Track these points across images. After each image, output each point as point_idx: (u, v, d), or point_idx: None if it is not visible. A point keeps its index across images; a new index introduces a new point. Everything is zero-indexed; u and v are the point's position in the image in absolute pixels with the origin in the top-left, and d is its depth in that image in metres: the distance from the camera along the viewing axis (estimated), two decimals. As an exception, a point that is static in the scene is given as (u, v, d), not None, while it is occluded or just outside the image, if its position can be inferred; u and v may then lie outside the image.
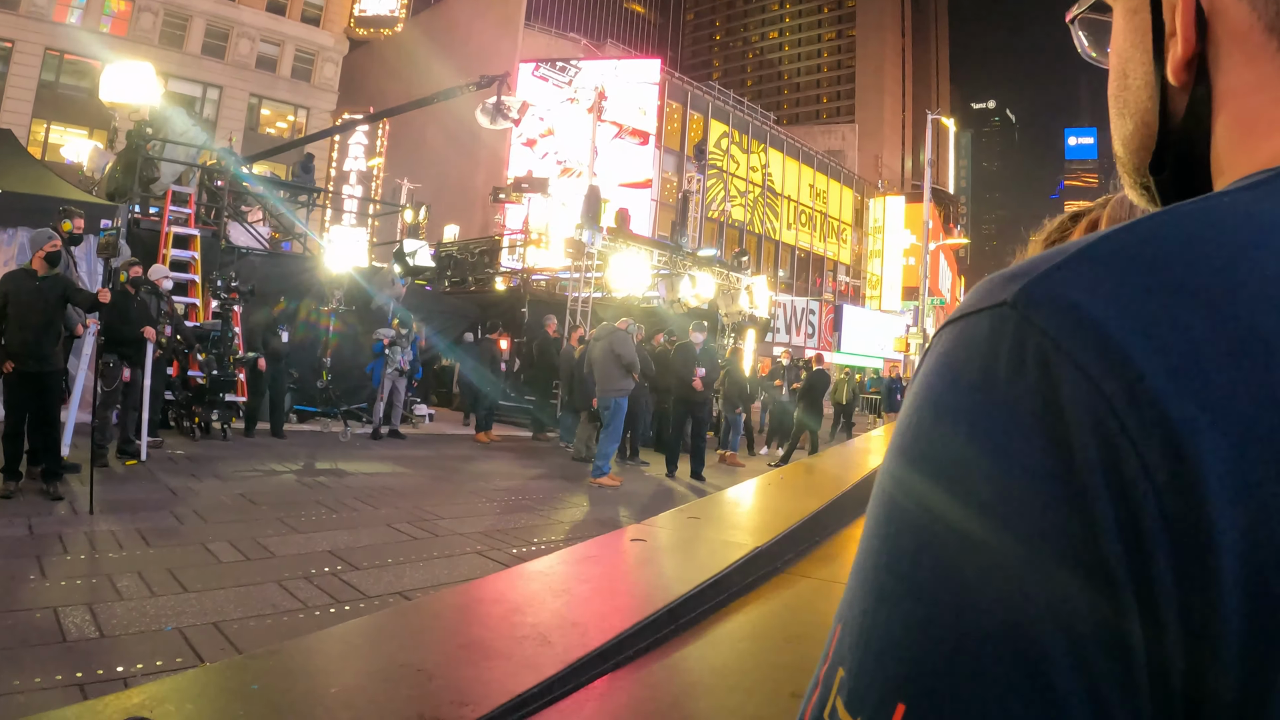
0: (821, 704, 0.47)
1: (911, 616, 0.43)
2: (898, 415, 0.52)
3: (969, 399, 0.44)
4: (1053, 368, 0.41)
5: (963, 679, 0.40)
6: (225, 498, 8.25)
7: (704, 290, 21.17)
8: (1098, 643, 0.38)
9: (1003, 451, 0.42)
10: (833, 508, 7.38)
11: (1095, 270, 0.44)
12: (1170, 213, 0.46)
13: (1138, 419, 0.39)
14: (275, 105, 44.72)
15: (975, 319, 0.46)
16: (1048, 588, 0.39)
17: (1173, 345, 0.40)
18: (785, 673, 4.11)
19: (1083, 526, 0.39)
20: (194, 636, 4.56)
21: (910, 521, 0.45)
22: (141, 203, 15.12)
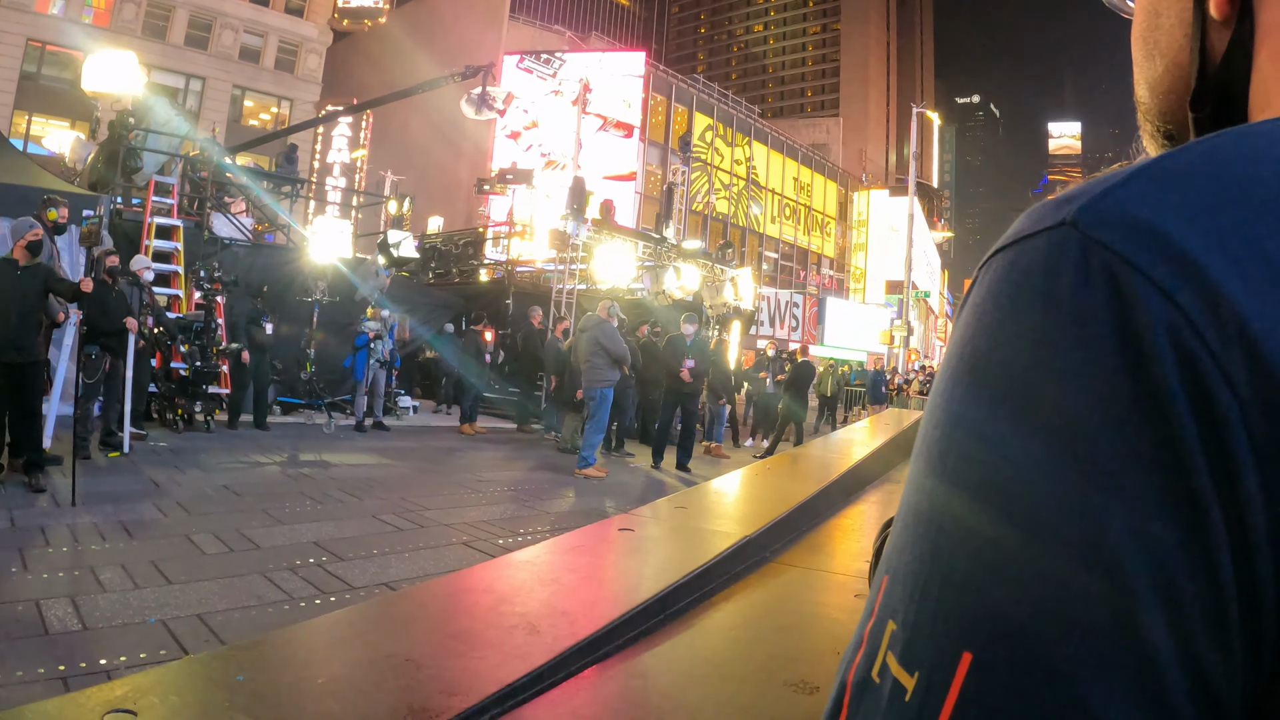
0: (869, 662, 0.44)
1: (977, 557, 0.40)
2: (881, 406, 0.48)
3: (1031, 321, 0.41)
4: (1123, 284, 0.39)
5: (1037, 622, 0.37)
6: (209, 489, 8.19)
7: (688, 282, 21.16)
8: (1186, 572, 0.36)
9: (1073, 373, 0.39)
10: (820, 497, 7.39)
11: (1160, 186, 0.42)
12: (1227, 133, 0.44)
13: (1219, 333, 0.37)
14: (258, 97, 44.55)
15: (1030, 242, 0.43)
16: (1128, 514, 0.37)
17: (1249, 258, 0.38)
18: (776, 661, 4.10)
19: (1164, 447, 0.37)
20: (178, 628, 4.51)
21: (970, 455, 0.43)
22: (124, 193, 15.02)
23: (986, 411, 0.42)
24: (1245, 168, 0.41)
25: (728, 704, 3.47)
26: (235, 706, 2.70)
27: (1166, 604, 0.36)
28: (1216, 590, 0.36)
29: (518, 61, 46.54)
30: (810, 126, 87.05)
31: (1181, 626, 0.36)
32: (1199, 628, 0.36)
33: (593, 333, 11.29)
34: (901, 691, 0.41)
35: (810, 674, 3.85)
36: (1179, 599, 0.36)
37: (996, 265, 0.45)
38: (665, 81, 50.37)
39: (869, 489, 9.11)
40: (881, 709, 0.42)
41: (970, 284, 0.47)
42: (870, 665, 0.44)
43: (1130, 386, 0.38)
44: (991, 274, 0.45)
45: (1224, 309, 0.37)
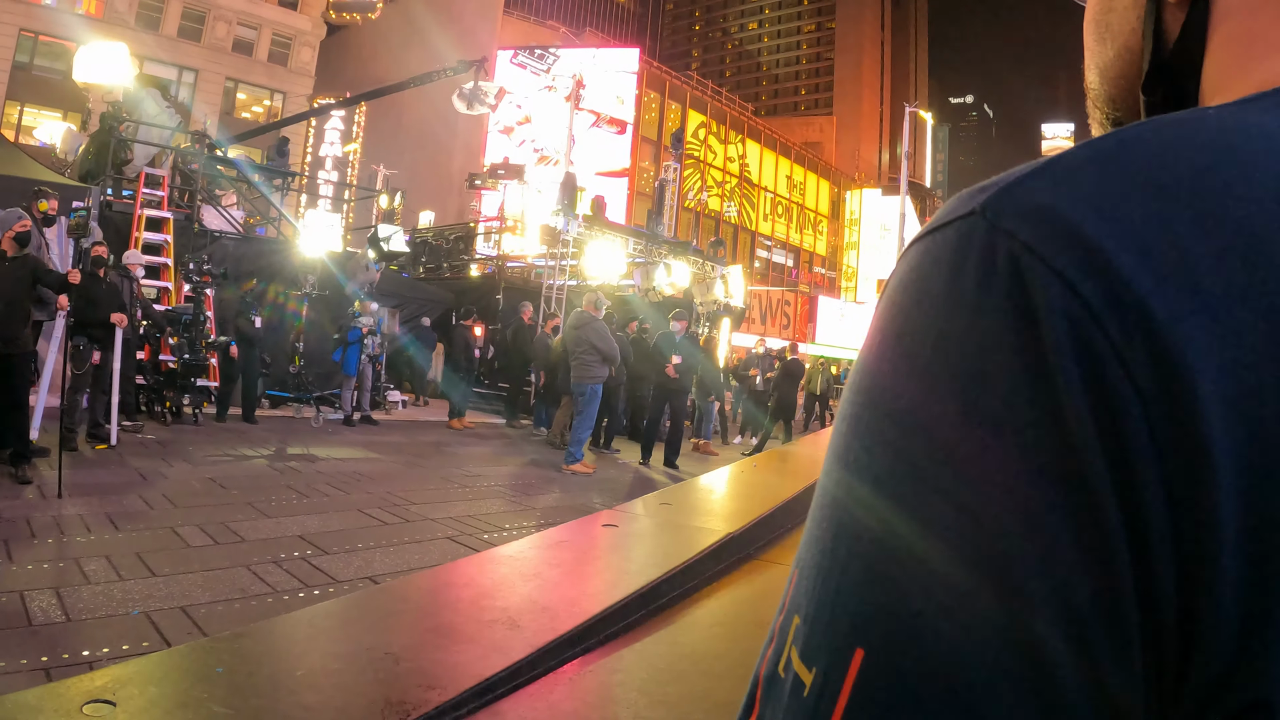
0: (777, 657, 0.44)
1: (871, 550, 0.40)
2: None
3: (934, 313, 0.41)
4: (1025, 273, 0.38)
5: (928, 617, 0.37)
6: (195, 482, 8.19)
7: (679, 279, 21.20)
8: (1081, 573, 0.36)
9: (972, 365, 0.39)
10: (806, 495, 7.38)
11: (1070, 175, 0.41)
12: (1149, 122, 0.44)
13: (1120, 324, 0.36)
14: (251, 89, 44.42)
15: (941, 232, 0.43)
16: (1022, 512, 0.36)
17: (1157, 246, 0.37)
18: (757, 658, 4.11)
19: (1061, 442, 0.36)
20: (161, 621, 4.52)
21: (868, 445, 0.42)
22: (114, 185, 14.99)
23: (888, 403, 0.42)
24: (1162, 153, 0.40)
25: (706, 700, 3.48)
26: (214, 698, 2.71)
27: (1063, 610, 0.35)
28: (1115, 598, 0.35)
29: (512, 56, 46.52)
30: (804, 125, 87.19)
31: (1080, 635, 0.35)
32: (1098, 637, 0.35)
33: (583, 330, 11.27)
34: (801, 687, 0.41)
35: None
36: (1076, 605, 0.35)
37: (911, 254, 0.44)
38: (659, 78, 50.39)
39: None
40: (784, 704, 0.42)
41: (891, 272, 0.47)
42: (778, 660, 0.44)
43: (1027, 379, 0.37)
44: (905, 263, 0.44)
45: (1127, 299, 0.36)
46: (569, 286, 19.95)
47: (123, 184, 15.26)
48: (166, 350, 12.41)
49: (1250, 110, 0.43)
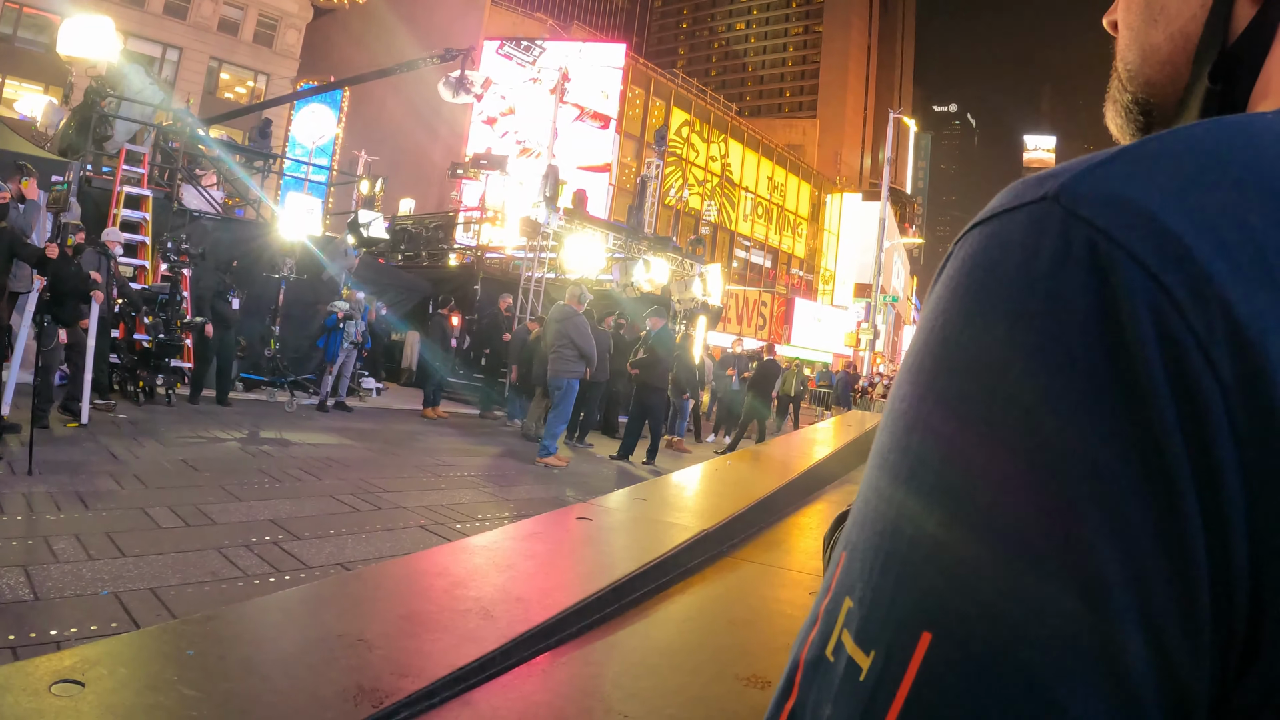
0: (824, 640, 0.44)
1: (940, 533, 0.40)
2: (847, 408, 0.49)
3: (1007, 297, 0.40)
4: (1106, 261, 0.38)
5: (1001, 606, 0.37)
6: (167, 463, 8.13)
7: (658, 276, 21.23)
8: (1158, 558, 0.36)
9: (1050, 353, 0.38)
10: (779, 495, 7.42)
11: (1147, 165, 0.41)
12: (1220, 120, 0.43)
13: (1203, 315, 0.36)
14: (235, 70, 44.13)
15: (1009, 216, 0.42)
16: (1101, 495, 0.36)
17: (1236, 241, 0.37)
18: (730, 654, 4.12)
19: (1142, 428, 0.36)
20: (130, 602, 4.48)
21: (937, 433, 0.42)
22: (94, 161, 14.88)
23: (957, 389, 0.42)
24: (1238, 148, 0.40)
25: (678, 694, 3.48)
26: (184, 681, 2.69)
27: (1137, 593, 0.35)
28: (1189, 582, 0.35)
29: (498, 47, 46.30)
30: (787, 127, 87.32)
31: (1151, 618, 0.35)
32: (1170, 621, 0.35)
33: (564, 324, 11.26)
34: (856, 670, 0.41)
35: (762, 669, 3.87)
36: (1150, 588, 0.35)
37: (974, 239, 0.44)
38: (644, 75, 50.33)
39: (828, 488, 9.15)
40: (834, 687, 0.42)
41: (945, 259, 0.46)
42: (825, 643, 0.43)
43: (1110, 369, 0.37)
44: (968, 247, 0.44)
45: (1209, 292, 0.36)
46: (548, 279, 19.93)
47: (103, 160, 15.14)
48: (141, 329, 12.34)
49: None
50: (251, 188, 18.55)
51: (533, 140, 45.02)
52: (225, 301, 13.04)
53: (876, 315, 44.47)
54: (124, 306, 11.44)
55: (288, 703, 2.71)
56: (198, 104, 28.90)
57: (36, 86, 33.65)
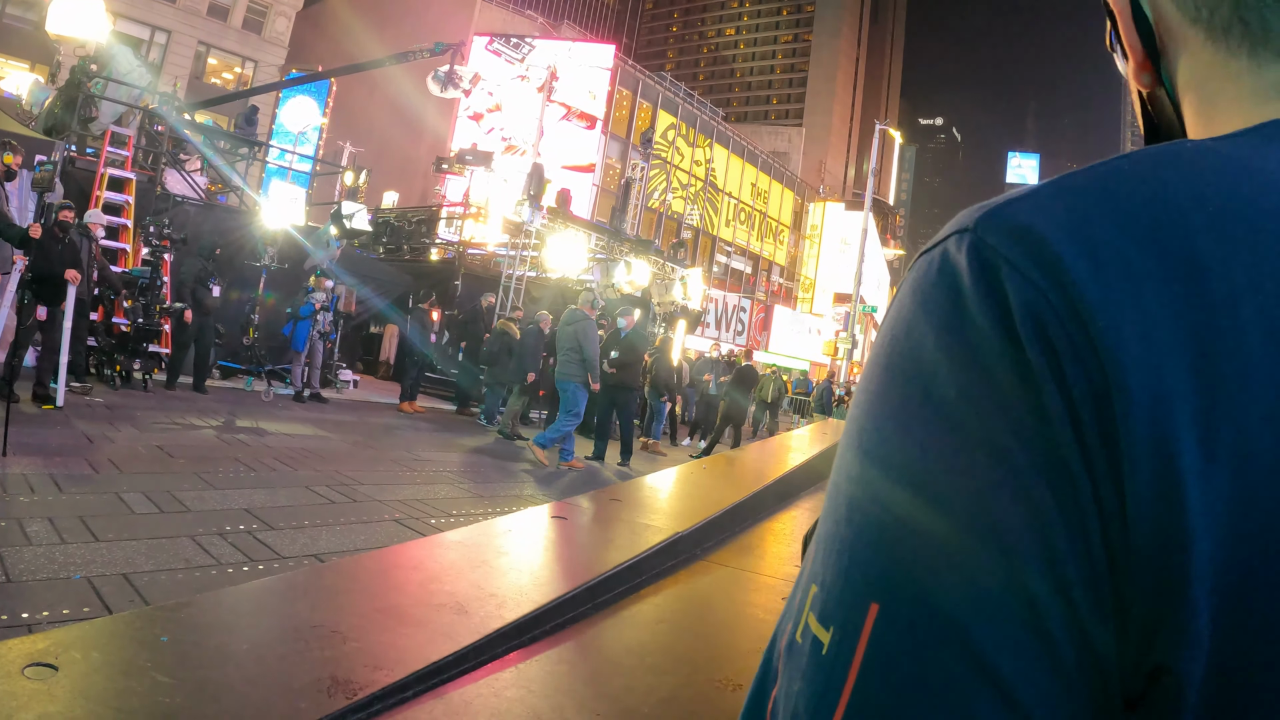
0: (794, 626, 0.49)
1: (883, 517, 0.46)
2: (825, 416, 0.54)
3: (933, 313, 0.47)
4: (1000, 276, 0.44)
5: (937, 575, 0.43)
6: (142, 448, 8.08)
7: (639, 277, 21.23)
8: (1062, 531, 0.41)
9: (962, 354, 0.45)
10: (754, 500, 7.45)
11: (1051, 200, 0.47)
12: (1137, 151, 0.50)
13: (1072, 318, 0.42)
14: (223, 55, 43.86)
15: (940, 246, 0.49)
16: (1010, 473, 0.42)
17: (1110, 262, 0.43)
18: (701, 657, 4.14)
19: (1035, 413, 0.42)
20: (102, 586, 4.46)
21: (880, 429, 0.48)
22: (78, 141, 14.77)
23: (898, 392, 0.48)
24: (1133, 181, 0.47)
25: (650, 695, 3.50)
26: (157, 667, 2.69)
27: (1048, 564, 0.41)
28: (1089, 553, 0.41)
29: (487, 43, 46.20)
30: (773, 134, 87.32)
31: (1064, 587, 0.41)
32: (1079, 591, 0.41)
33: (574, 327, 11.36)
34: (819, 646, 0.46)
35: (733, 672, 3.90)
36: (1058, 559, 0.41)
37: (918, 265, 0.51)
38: (633, 76, 50.30)
39: (803, 495, 9.19)
40: (803, 664, 0.47)
41: (903, 280, 0.53)
42: (795, 629, 0.49)
43: (1006, 364, 0.43)
44: (913, 273, 0.51)
45: (1072, 291, 0.43)
46: (529, 278, 19.92)
47: (87, 141, 15.03)
48: (120, 313, 12.26)
49: (1228, 141, 0.50)
50: (233, 176, 18.43)
51: (518, 138, 44.98)
52: (206, 288, 12.96)
53: (855, 325, 44.62)
54: (103, 289, 11.37)
55: (261, 692, 2.71)
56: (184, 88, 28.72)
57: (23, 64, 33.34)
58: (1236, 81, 0.57)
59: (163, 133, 16.24)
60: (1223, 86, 0.58)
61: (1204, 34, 0.58)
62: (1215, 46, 0.57)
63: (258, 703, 2.64)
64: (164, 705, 2.47)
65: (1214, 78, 0.58)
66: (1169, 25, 0.61)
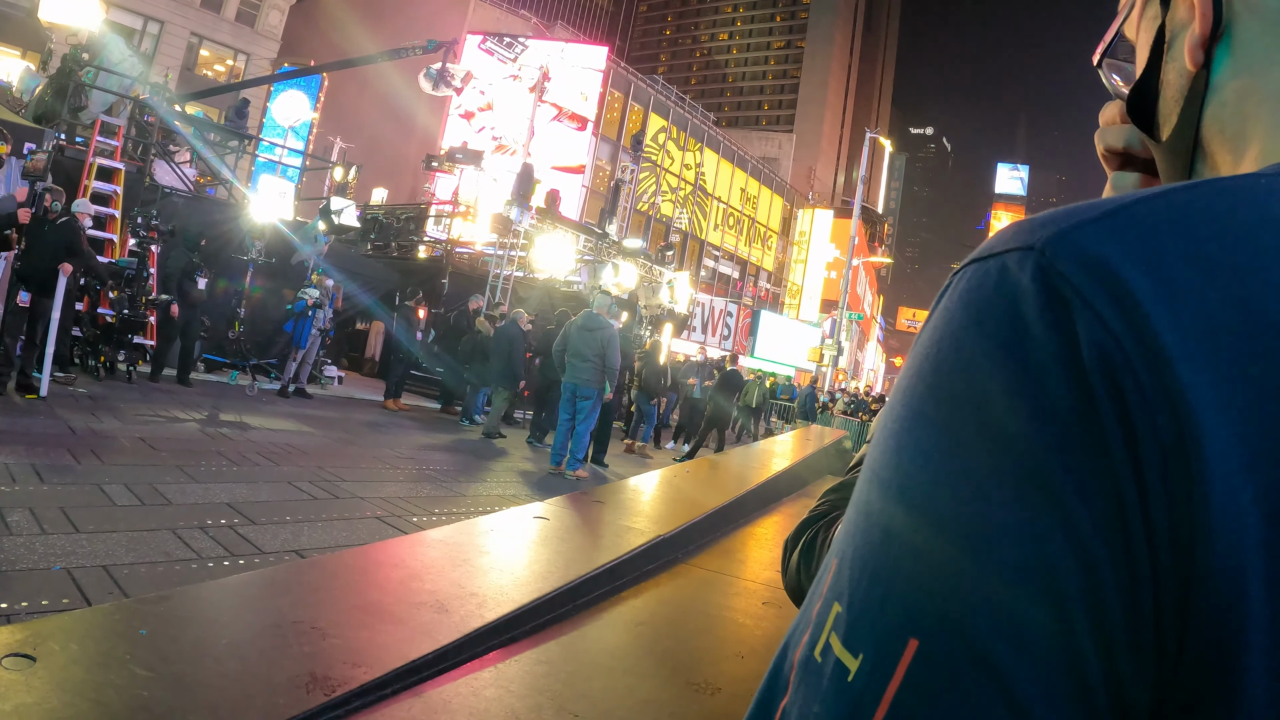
0: (813, 642, 0.47)
1: (927, 549, 0.43)
2: (809, 423, 0.52)
3: (991, 332, 0.45)
4: (1073, 312, 0.42)
5: (981, 613, 0.41)
6: (125, 440, 8.06)
7: (626, 280, 21.25)
8: (1113, 586, 0.40)
9: (1024, 383, 0.42)
10: (736, 505, 7.47)
11: (1126, 230, 0.45)
12: (1208, 184, 0.47)
13: (1149, 370, 0.40)
14: (215, 47, 43.67)
15: (1001, 259, 0.47)
16: (1065, 520, 0.40)
17: (1191, 312, 0.41)
18: (681, 659, 4.15)
19: (1097, 460, 0.40)
20: (82, 578, 4.45)
21: (925, 452, 0.46)
22: (68, 130, 14.71)
23: (945, 413, 0.45)
24: (1213, 223, 0.44)
25: (629, 696, 3.51)
26: (136, 660, 2.69)
27: (1096, 622, 0.39)
28: (1136, 604, 0.40)
29: (480, 41, 46.16)
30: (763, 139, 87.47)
31: (1106, 637, 0.39)
32: (1120, 639, 0.39)
33: (597, 334, 10.92)
34: (844, 672, 0.44)
35: (713, 675, 3.91)
36: (1107, 618, 0.39)
37: (970, 274, 0.48)
38: (625, 79, 50.32)
39: (785, 500, 9.21)
40: (823, 688, 0.45)
41: (943, 289, 0.51)
42: (814, 645, 0.47)
43: (1072, 404, 0.41)
44: (965, 282, 0.48)
45: (1158, 353, 0.40)
46: (516, 278, 19.91)
47: (77, 130, 14.97)
48: (106, 303, 12.21)
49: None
50: (222, 169, 18.37)
51: (509, 137, 44.95)
52: (192, 281, 12.92)
53: (841, 332, 44.70)
54: (89, 279, 11.32)
55: (240, 687, 2.71)
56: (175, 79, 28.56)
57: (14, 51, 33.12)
58: None
59: (153, 123, 16.19)
60: None
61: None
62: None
63: (236, 697, 2.64)
64: (142, 698, 2.47)
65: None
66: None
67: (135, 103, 16.06)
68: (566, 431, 11.03)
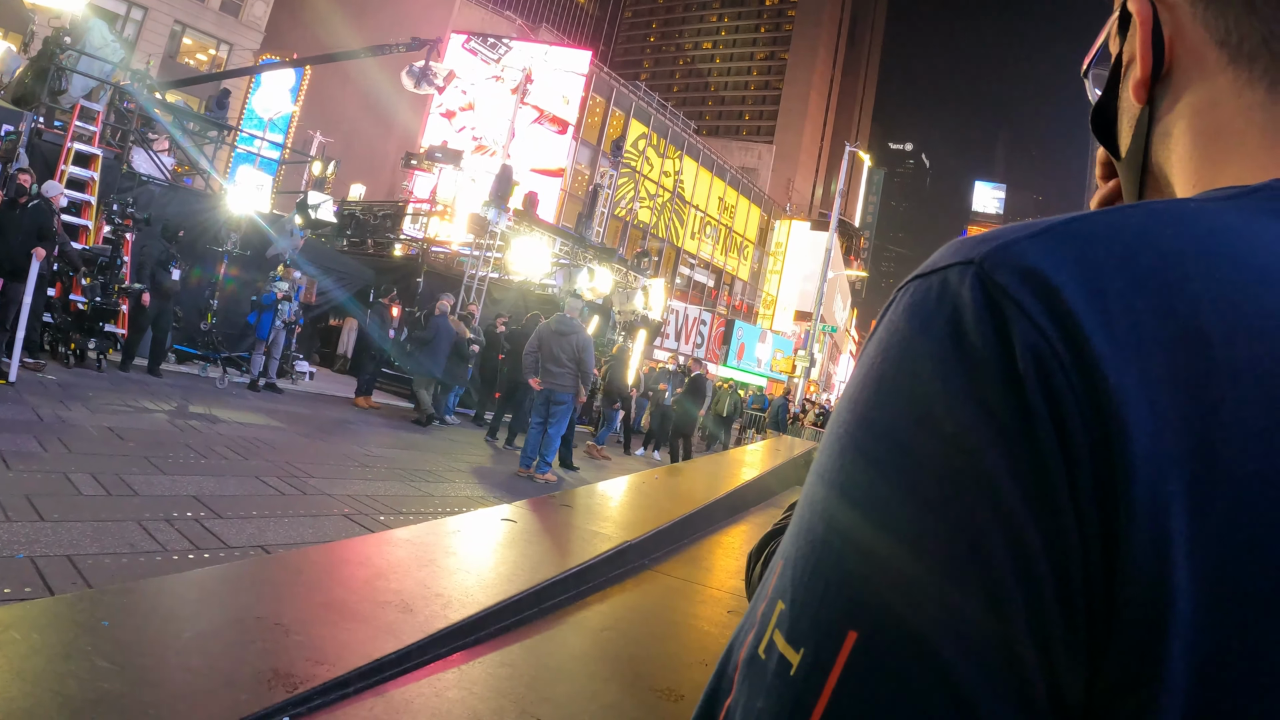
0: (757, 641, 0.49)
1: (867, 544, 0.46)
2: (780, 433, 0.54)
3: (933, 342, 0.47)
4: (1005, 315, 0.45)
5: (921, 604, 0.43)
6: (92, 429, 8.00)
7: (601, 285, 21.24)
8: (1047, 572, 0.42)
9: (963, 390, 0.45)
10: (703, 512, 7.49)
11: (1061, 244, 0.47)
12: (1141, 206, 0.51)
13: (1080, 372, 0.43)
14: (198, 36, 43.44)
15: (943, 273, 0.49)
16: (1003, 516, 0.42)
17: (1120, 319, 0.44)
18: (645, 666, 4.16)
19: (1033, 456, 0.42)
20: (46, 567, 4.42)
21: (868, 454, 0.48)
22: (47, 114, 14.57)
23: (888, 416, 0.48)
24: (1144, 239, 0.47)
25: (592, 702, 3.52)
26: (98, 651, 2.68)
27: (1034, 611, 0.41)
28: (1070, 595, 0.41)
29: (464, 41, 46.10)
30: (743, 149, 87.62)
31: (1042, 627, 0.41)
32: (1055, 629, 0.41)
33: (570, 339, 10.83)
34: (787, 666, 0.46)
35: (676, 682, 3.93)
36: (1044, 607, 0.41)
37: (914, 288, 0.51)
38: (607, 84, 50.36)
39: (753, 510, 9.24)
40: (767, 682, 0.47)
41: (888, 303, 0.53)
42: (759, 643, 0.48)
43: (1008, 407, 0.43)
44: (909, 296, 0.50)
45: (1088, 358, 0.43)
46: (491, 279, 19.89)
47: (56, 114, 14.84)
48: (78, 290, 12.11)
49: (1232, 209, 0.50)
50: (201, 159, 18.26)
51: (489, 138, 44.89)
52: (166, 271, 12.84)
53: (814, 344, 44.83)
54: (62, 265, 11.23)
55: (202, 681, 2.71)
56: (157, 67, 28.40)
57: (-4, 30, 32.85)
58: (1248, 113, 0.58)
59: (132, 110, 16.07)
60: (1234, 116, 0.58)
61: (1228, 57, 0.58)
62: (1236, 72, 0.58)
63: (198, 692, 2.63)
64: (103, 690, 2.46)
65: (1226, 104, 0.59)
66: (1189, 42, 0.61)
67: (116, 89, 15.94)
68: (538, 434, 11.00)
